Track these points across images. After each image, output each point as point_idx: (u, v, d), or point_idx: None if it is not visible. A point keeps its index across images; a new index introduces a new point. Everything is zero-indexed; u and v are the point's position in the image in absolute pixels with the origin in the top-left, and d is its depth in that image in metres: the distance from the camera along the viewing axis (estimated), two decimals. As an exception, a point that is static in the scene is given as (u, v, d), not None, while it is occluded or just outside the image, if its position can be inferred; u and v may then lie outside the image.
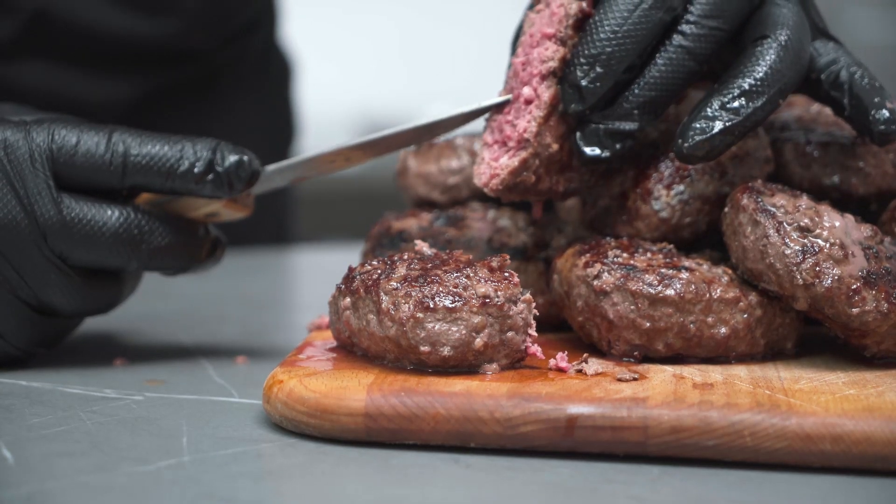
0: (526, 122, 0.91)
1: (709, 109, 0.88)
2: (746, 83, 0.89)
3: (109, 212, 0.92)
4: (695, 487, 0.75)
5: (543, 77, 0.91)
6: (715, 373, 0.86)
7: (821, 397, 0.80)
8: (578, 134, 0.90)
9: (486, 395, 0.79)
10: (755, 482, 0.75)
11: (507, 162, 0.91)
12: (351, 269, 0.89)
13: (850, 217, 0.90)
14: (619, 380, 0.83)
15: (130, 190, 0.94)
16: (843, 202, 0.96)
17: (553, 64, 0.90)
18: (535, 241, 1.00)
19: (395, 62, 3.57)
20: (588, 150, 0.90)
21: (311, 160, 0.96)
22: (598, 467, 0.77)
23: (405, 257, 0.88)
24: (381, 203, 1.47)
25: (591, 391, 0.81)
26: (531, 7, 0.95)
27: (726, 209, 0.91)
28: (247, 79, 1.61)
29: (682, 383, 0.83)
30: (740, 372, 0.86)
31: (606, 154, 0.90)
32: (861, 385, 0.83)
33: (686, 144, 0.88)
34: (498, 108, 0.94)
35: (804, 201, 0.90)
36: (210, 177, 0.92)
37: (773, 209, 0.88)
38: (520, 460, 0.78)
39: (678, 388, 0.82)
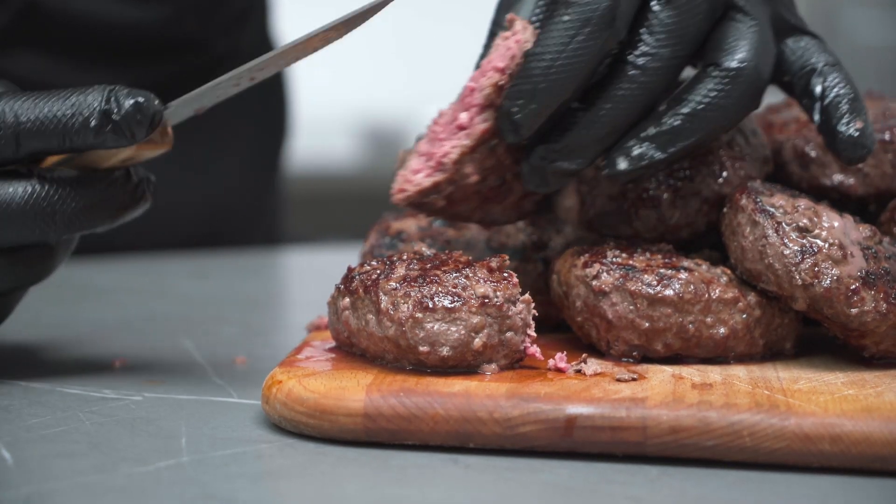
0: (450, 147, 0.89)
1: (635, 140, 0.86)
2: (678, 120, 0.86)
3: (11, 188, 0.87)
4: (693, 488, 0.75)
5: (482, 108, 0.89)
6: (714, 373, 0.86)
7: (819, 398, 0.80)
8: (524, 166, 0.88)
9: (485, 395, 0.79)
10: (754, 482, 0.75)
11: (421, 180, 0.90)
12: (350, 270, 0.89)
13: (848, 217, 0.90)
14: (618, 380, 0.83)
15: (31, 157, 0.88)
16: (841, 202, 0.96)
17: (488, 90, 0.88)
18: (534, 242, 1.00)
19: (393, 62, 3.57)
20: (532, 186, 0.89)
21: (215, 85, 0.90)
22: (596, 468, 0.77)
23: (404, 258, 0.88)
24: (380, 203, 1.47)
25: (590, 391, 0.81)
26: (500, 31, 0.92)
27: (725, 209, 0.91)
28: None
29: (680, 383, 0.83)
30: (739, 372, 0.86)
31: (548, 189, 0.89)
32: (860, 385, 0.83)
33: (606, 171, 0.87)
34: (438, 119, 0.91)
35: (803, 201, 0.90)
36: (109, 128, 0.86)
37: (772, 209, 0.88)
38: (519, 461, 0.78)
39: (677, 389, 0.82)
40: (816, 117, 0.89)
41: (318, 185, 2.98)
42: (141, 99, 0.86)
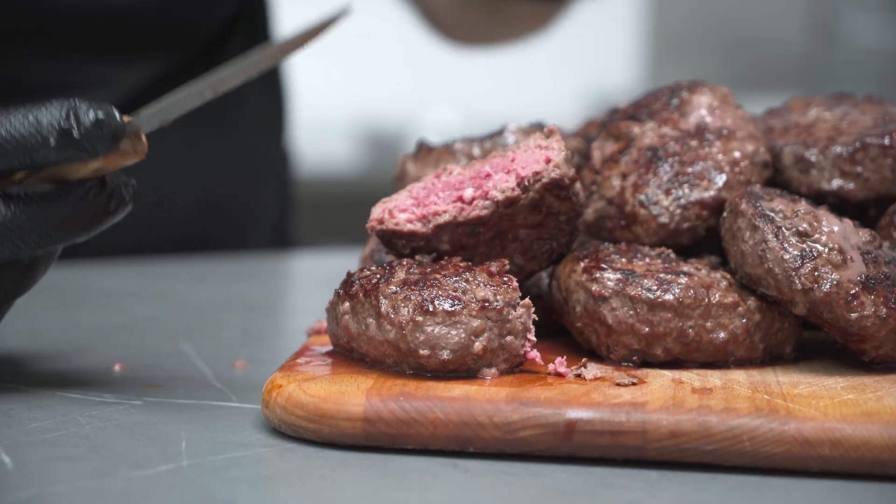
0: (442, 209, 0.89)
1: None
2: None
3: None
4: (693, 492, 0.75)
5: (486, 198, 0.89)
6: (714, 377, 0.86)
7: (819, 402, 0.80)
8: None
9: (485, 399, 0.79)
10: (754, 487, 0.75)
11: (402, 221, 0.89)
12: (350, 274, 0.89)
13: (848, 222, 0.90)
14: (618, 384, 0.83)
15: None
16: (841, 207, 0.96)
17: (499, 197, 0.88)
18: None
19: (395, 66, 3.57)
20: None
21: (178, 99, 0.88)
22: (596, 472, 0.77)
23: (404, 262, 0.88)
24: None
25: (590, 396, 0.81)
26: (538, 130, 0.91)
27: (725, 214, 0.91)
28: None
29: (680, 388, 0.83)
30: (739, 377, 0.86)
31: None
32: (860, 390, 0.83)
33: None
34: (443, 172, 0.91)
35: (803, 206, 0.90)
36: (70, 145, 0.83)
37: (772, 214, 0.88)
38: (518, 465, 0.78)
39: (677, 393, 0.82)
40: None
41: (318, 189, 2.98)
42: (101, 114, 0.84)
